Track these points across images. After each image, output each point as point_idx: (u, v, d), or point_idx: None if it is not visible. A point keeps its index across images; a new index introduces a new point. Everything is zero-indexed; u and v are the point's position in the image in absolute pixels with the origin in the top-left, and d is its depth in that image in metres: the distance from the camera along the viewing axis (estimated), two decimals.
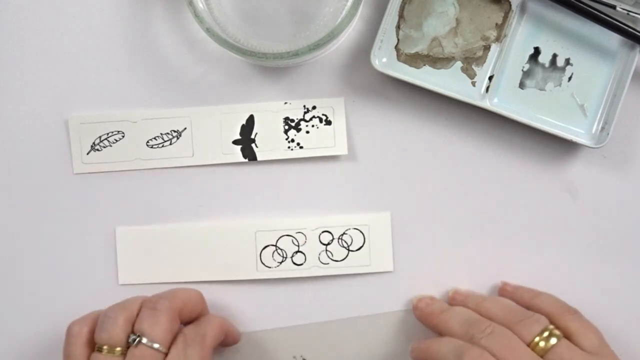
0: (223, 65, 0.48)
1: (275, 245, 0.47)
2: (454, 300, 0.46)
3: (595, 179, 0.48)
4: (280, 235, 0.47)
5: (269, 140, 0.48)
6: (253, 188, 0.48)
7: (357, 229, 0.47)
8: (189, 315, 0.44)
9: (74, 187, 0.48)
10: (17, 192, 0.48)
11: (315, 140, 0.48)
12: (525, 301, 0.45)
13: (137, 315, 0.42)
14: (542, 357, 0.40)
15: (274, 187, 0.48)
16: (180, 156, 0.48)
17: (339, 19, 0.44)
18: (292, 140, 0.48)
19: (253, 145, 0.48)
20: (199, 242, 0.47)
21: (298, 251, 0.47)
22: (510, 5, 0.46)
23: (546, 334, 0.41)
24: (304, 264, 0.47)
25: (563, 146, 0.48)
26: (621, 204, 0.48)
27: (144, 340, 0.41)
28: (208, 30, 0.43)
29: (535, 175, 0.48)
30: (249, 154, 0.48)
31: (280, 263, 0.47)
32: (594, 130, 0.46)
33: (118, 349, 0.41)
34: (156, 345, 0.41)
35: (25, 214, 0.48)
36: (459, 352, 0.40)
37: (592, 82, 0.46)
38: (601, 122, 0.46)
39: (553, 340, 0.41)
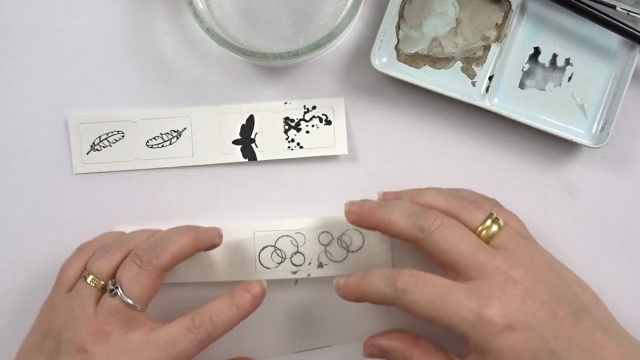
0: (223, 65, 0.48)
1: (274, 246, 0.47)
2: (385, 200, 0.44)
3: (595, 179, 0.48)
4: (280, 235, 0.47)
5: (269, 140, 0.48)
6: (253, 188, 0.48)
7: (356, 229, 0.47)
8: (180, 262, 0.43)
9: (73, 187, 0.48)
10: (17, 192, 0.48)
11: (315, 140, 0.48)
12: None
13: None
14: (487, 243, 0.40)
15: (274, 187, 0.48)
16: (180, 156, 0.48)
17: (339, 19, 0.44)
18: (292, 140, 0.48)
19: (253, 145, 0.48)
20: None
21: (297, 252, 0.47)
22: (510, 5, 0.46)
23: (489, 221, 0.40)
24: (303, 264, 0.47)
25: (563, 146, 0.48)
26: (621, 204, 0.48)
27: (120, 294, 0.40)
28: (208, 30, 0.43)
29: (535, 175, 0.48)
30: (249, 154, 0.48)
31: (279, 264, 0.47)
32: (594, 130, 0.46)
33: (101, 283, 0.41)
34: (131, 303, 0.40)
35: (25, 214, 0.48)
36: (391, 281, 0.40)
37: (592, 82, 0.46)
38: (601, 122, 0.46)
39: (495, 228, 0.40)
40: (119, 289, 0.41)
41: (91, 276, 0.42)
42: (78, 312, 0.41)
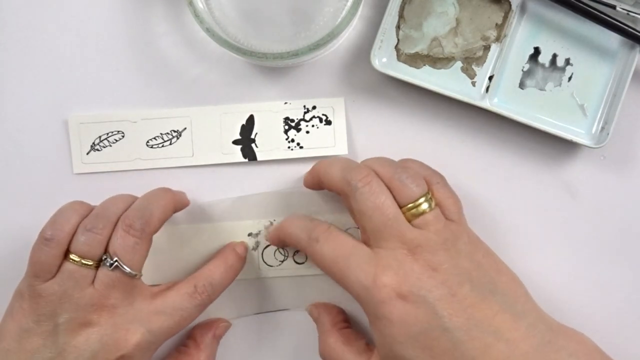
0: (223, 65, 0.48)
1: None
2: None
3: (595, 179, 0.48)
4: None
5: (269, 140, 0.48)
6: (253, 188, 0.48)
7: (358, 228, 0.47)
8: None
9: (74, 187, 0.48)
10: (17, 192, 0.48)
11: (315, 140, 0.48)
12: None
13: (114, 230, 0.42)
14: (409, 221, 0.40)
15: (273, 187, 0.48)
16: (180, 156, 0.48)
17: (339, 19, 0.44)
18: (292, 140, 0.48)
19: (253, 145, 0.48)
20: (200, 241, 0.47)
21: (299, 250, 0.47)
22: (510, 5, 0.46)
23: (422, 199, 0.40)
24: (306, 262, 0.47)
25: (563, 146, 0.48)
26: (621, 204, 0.48)
27: (120, 265, 0.41)
28: (208, 30, 0.43)
29: (535, 175, 0.48)
30: (249, 154, 0.48)
31: (282, 262, 0.47)
32: (594, 130, 0.46)
33: (91, 261, 0.41)
34: (132, 272, 0.41)
35: (25, 214, 0.48)
36: (308, 229, 0.42)
37: (592, 82, 0.46)
38: (601, 122, 0.46)
39: (425, 206, 0.40)
40: (119, 261, 0.41)
41: (78, 257, 0.41)
42: (75, 295, 0.40)
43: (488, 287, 0.40)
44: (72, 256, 0.41)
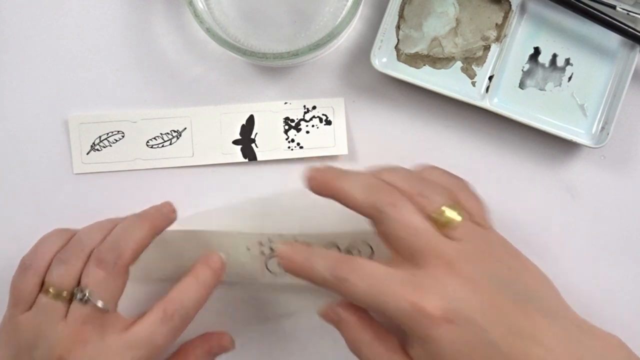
0: (223, 65, 0.48)
1: None
2: None
3: (595, 179, 0.48)
4: None
5: (269, 140, 0.48)
6: (253, 188, 0.48)
7: (365, 241, 0.47)
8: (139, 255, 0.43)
9: (74, 187, 0.48)
10: (17, 192, 0.48)
11: (315, 140, 0.48)
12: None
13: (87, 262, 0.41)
14: (440, 232, 0.39)
15: (274, 187, 0.48)
16: (180, 156, 0.48)
17: (339, 19, 0.44)
18: (292, 140, 0.48)
19: (253, 145, 0.48)
20: (205, 246, 0.47)
21: None
22: (510, 5, 0.46)
23: (446, 209, 0.39)
24: None
25: (563, 146, 0.48)
26: (621, 204, 0.48)
27: (92, 301, 0.40)
28: (208, 30, 0.43)
29: (535, 175, 0.48)
30: (249, 154, 0.48)
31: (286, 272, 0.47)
32: (594, 130, 0.46)
33: (65, 293, 0.40)
34: (103, 307, 0.40)
35: (25, 214, 0.48)
36: (331, 267, 0.38)
37: (592, 82, 0.46)
38: (601, 122, 0.46)
39: (450, 214, 0.39)
40: (89, 295, 0.40)
41: (52, 288, 0.40)
42: (47, 329, 0.40)
43: (523, 292, 0.39)
44: (45, 286, 0.41)
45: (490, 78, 0.46)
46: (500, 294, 0.38)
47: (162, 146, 0.48)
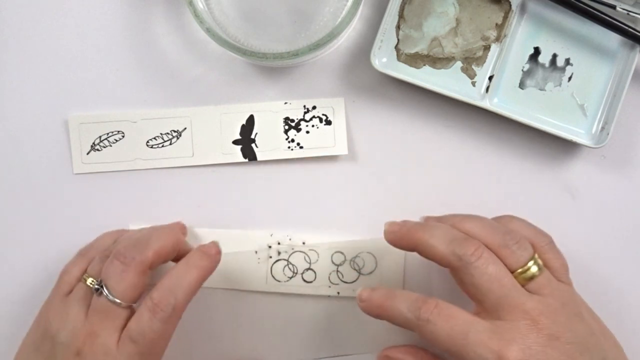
0: (223, 65, 0.48)
1: (287, 260, 0.47)
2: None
3: (595, 179, 0.48)
4: (294, 251, 0.47)
5: (269, 140, 0.48)
6: (253, 188, 0.48)
7: (370, 253, 0.47)
8: (164, 261, 0.43)
9: (74, 187, 0.48)
10: (17, 192, 0.48)
11: (315, 140, 0.48)
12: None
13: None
14: (522, 285, 0.39)
15: (274, 187, 0.48)
16: (180, 156, 0.48)
17: (339, 19, 0.44)
18: (292, 140, 0.48)
19: (253, 145, 0.48)
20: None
21: (309, 268, 0.47)
22: (510, 5, 0.46)
23: (530, 264, 0.40)
24: (314, 281, 0.47)
25: (563, 146, 0.48)
26: (621, 204, 0.48)
27: (106, 293, 0.40)
28: (208, 30, 0.43)
29: (535, 175, 0.48)
30: (249, 154, 0.48)
31: (290, 278, 0.47)
32: (594, 130, 0.46)
33: (92, 284, 0.42)
34: (117, 301, 0.40)
35: (25, 214, 0.48)
36: (414, 308, 0.39)
37: (592, 82, 0.46)
38: (601, 122, 0.46)
39: (534, 269, 0.40)
40: (104, 287, 0.41)
41: (90, 278, 0.42)
42: (72, 315, 0.41)
43: (600, 354, 0.39)
44: (85, 275, 0.43)
45: (490, 78, 0.46)
46: (580, 354, 0.39)
47: (162, 146, 0.48)
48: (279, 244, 0.47)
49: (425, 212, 0.48)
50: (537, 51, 0.47)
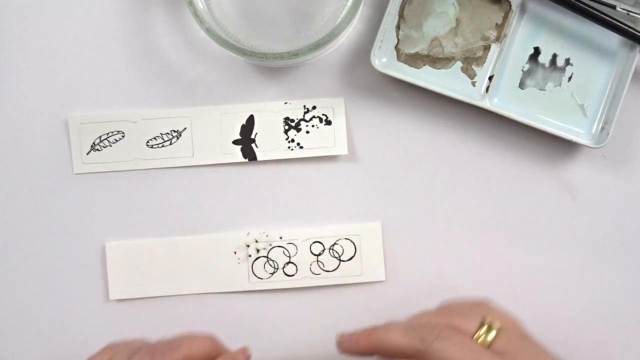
0: (223, 65, 0.48)
1: (267, 257, 0.47)
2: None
3: (595, 179, 0.48)
4: (272, 246, 0.47)
5: (269, 140, 0.48)
6: (253, 188, 0.48)
7: (348, 239, 0.47)
8: None
9: (74, 187, 0.48)
10: (16, 192, 0.48)
11: (315, 140, 0.48)
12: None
13: None
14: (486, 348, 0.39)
15: (273, 187, 0.48)
16: (180, 156, 0.48)
17: (339, 19, 0.44)
18: (292, 140, 0.48)
19: (253, 145, 0.48)
20: (190, 254, 0.47)
21: (289, 262, 0.47)
22: (510, 5, 0.46)
23: (484, 328, 0.39)
24: (296, 274, 0.47)
25: (563, 146, 0.48)
26: (621, 204, 0.48)
27: None
28: (208, 30, 0.43)
29: (535, 175, 0.48)
30: (249, 154, 0.48)
31: (272, 274, 0.47)
32: (594, 130, 0.46)
33: None
34: None
35: (25, 213, 0.48)
36: (419, 336, 0.39)
37: (592, 82, 0.46)
38: (601, 122, 0.46)
39: (492, 333, 0.39)
40: None
41: None
42: None
43: None
44: None
45: (490, 78, 0.46)
46: None
47: (162, 146, 0.48)
48: (256, 241, 0.47)
49: (426, 211, 0.48)
50: (537, 51, 0.47)
